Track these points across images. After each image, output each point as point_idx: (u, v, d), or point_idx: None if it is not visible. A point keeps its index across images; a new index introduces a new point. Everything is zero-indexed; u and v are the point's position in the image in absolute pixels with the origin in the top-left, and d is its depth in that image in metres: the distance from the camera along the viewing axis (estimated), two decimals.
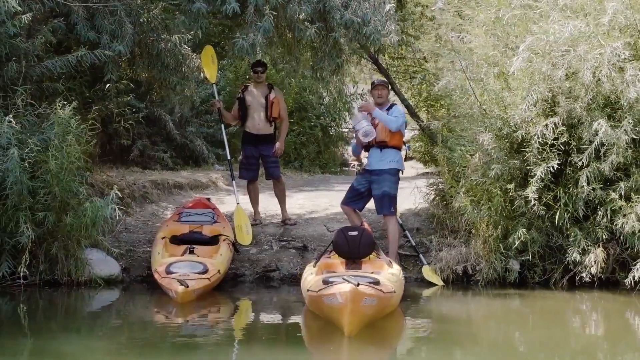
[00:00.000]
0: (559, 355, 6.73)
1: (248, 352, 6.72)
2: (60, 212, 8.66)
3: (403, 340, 7.34)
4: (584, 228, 8.74)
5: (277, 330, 7.62)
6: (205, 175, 13.65)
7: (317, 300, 6.60)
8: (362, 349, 6.53)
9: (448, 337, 7.33)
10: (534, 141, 8.50)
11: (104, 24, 9.81)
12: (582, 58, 8.23)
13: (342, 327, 6.30)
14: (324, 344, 6.76)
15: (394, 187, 9.35)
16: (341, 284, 6.31)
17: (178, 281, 7.80)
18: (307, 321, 7.54)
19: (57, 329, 7.69)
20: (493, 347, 7.05)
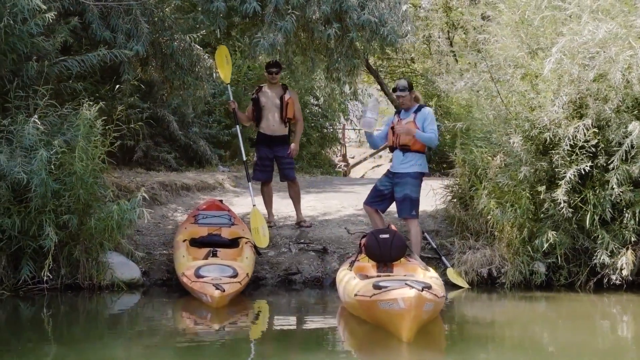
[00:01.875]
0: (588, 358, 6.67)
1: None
2: (83, 215, 8.50)
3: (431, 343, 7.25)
4: (611, 230, 8.71)
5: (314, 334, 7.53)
6: (212, 177, 13.51)
7: (370, 305, 6.50)
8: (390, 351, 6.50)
9: (475, 340, 7.23)
10: (564, 143, 8.46)
11: (119, 23, 9.68)
12: (613, 60, 8.20)
13: (399, 333, 6.23)
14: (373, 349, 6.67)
15: (417, 190, 9.25)
16: (402, 288, 6.22)
17: (214, 285, 7.66)
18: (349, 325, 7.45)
19: (80, 334, 7.56)
20: (520, 350, 6.97)
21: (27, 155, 8.10)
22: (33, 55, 8.75)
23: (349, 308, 7.39)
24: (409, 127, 9.08)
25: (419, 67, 24.83)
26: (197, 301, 8.18)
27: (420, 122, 9.15)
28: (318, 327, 7.87)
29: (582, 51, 8.40)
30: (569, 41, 8.17)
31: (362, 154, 29.55)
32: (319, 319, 8.16)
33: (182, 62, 10.37)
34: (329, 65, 10.97)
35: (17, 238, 8.33)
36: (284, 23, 9.45)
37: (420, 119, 9.17)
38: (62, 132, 8.49)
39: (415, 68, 24.93)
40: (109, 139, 8.59)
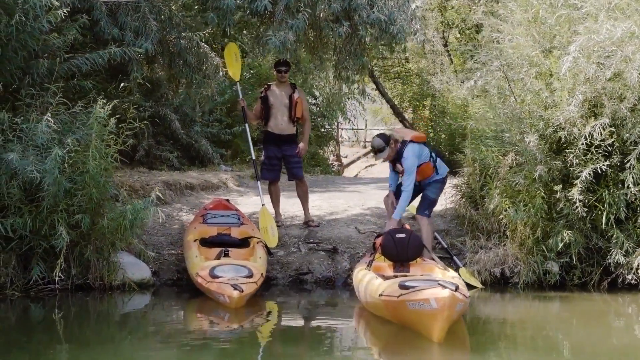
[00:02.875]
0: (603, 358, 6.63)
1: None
2: (94, 215, 8.40)
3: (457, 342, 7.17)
4: (625, 230, 8.69)
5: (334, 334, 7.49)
6: (215, 176, 13.41)
7: (397, 305, 6.44)
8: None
9: (490, 340, 7.22)
10: (580, 142, 8.44)
11: (127, 20, 9.58)
12: (629, 59, 8.17)
13: (430, 333, 6.18)
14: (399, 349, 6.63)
15: (438, 192, 9.30)
16: (434, 288, 6.16)
17: (232, 286, 7.57)
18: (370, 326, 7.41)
19: (92, 335, 7.47)
20: (535, 350, 6.91)
21: (39, 154, 7.97)
22: (44, 52, 8.62)
23: (371, 308, 7.33)
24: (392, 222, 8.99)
25: (413, 66, 24.85)
26: (212, 301, 8.09)
27: None
28: (337, 327, 7.79)
29: (597, 50, 8.36)
30: (587, 40, 8.12)
31: (355, 153, 29.59)
32: (337, 319, 8.07)
33: (189, 60, 10.26)
34: (337, 63, 10.91)
35: (27, 238, 8.22)
36: (296, 21, 9.37)
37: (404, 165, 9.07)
38: (73, 130, 8.37)
39: (409, 67, 24.94)
40: (121, 138, 8.48)
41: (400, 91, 24.65)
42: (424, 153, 9.08)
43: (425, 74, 23.55)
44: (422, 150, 9.08)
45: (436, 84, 23.00)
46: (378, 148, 9.10)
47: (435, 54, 23.27)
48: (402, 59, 24.92)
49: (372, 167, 28.26)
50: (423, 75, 23.56)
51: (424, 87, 23.09)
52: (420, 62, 24.56)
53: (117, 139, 8.46)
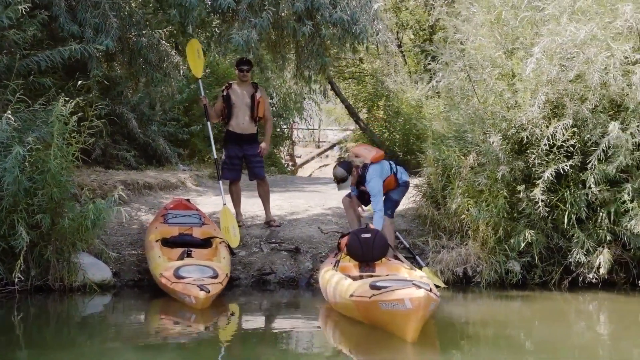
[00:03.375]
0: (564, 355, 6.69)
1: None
2: (54, 214, 8.24)
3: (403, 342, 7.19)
4: (585, 229, 8.80)
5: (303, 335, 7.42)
6: (174, 176, 13.26)
7: (370, 305, 6.42)
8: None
9: (452, 338, 7.22)
10: (542, 142, 8.53)
11: (86, 17, 9.41)
12: (591, 61, 8.28)
13: (404, 333, 6.18)
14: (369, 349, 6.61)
15: (401, 195, 9.39)
16: (409, 288, 6.15)
17: (198, 287, 7.48)
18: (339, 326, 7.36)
19: (53, 338, 7.31)
20: (496, 348, 6.94)
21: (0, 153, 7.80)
22: (2, 49, 8.43)
23: (340, 309, 7.30)
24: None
25: (367, 67, 24.90)
26: (177, 302, 7.99)
27: None
28: (305, 327, 7.74)
29: (559, 52, 8.45)
30: (550, 42, 8.20)
31: (309, 153, 29.55)
32: (304, 320, 8.03)
33: (150, 58, 10.13)
34: (298, 63, 10.87)
35: None
36: (259, 20, 9.31)
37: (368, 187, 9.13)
38: (33, 128, 8.20)
39: (364, 68, 24.98)
40: (83, 136, 8.32)
41: (354, 91, 24.67)
42: (384, 169, 9.17)
43: (380, 75, 23.64)
44: (383, 167, 9.17)
45: (390, 85, 23.13)
46: (341, 178, 9.18)
47: (389, 54, 23.32)
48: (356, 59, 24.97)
49: (326, 167, 28.30)
50: (377, 76, 23.62)
51: (378, 87, 23.16)
52: (374, 63, 24.59)
53: (79, 138, 8.29)
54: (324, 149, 29.55)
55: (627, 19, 8.16)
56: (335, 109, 28.10)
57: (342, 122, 29.10)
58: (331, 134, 30.88)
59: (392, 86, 22.98)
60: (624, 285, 8.96)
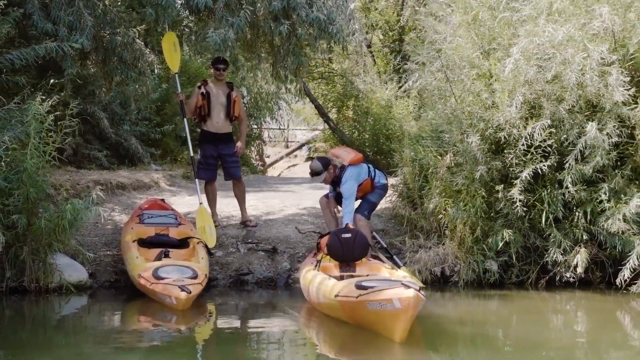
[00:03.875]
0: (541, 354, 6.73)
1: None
2: (30, 215, 8.12)
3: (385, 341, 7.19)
4: (562, 229, 8.87)
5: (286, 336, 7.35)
6: (147, 175, 13.15)
7: (356, 306, 6.40)
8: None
9: (430, 337, 7.18)
10: (520, 142, 8.58)
11: (60, 15, 9.29)
12: (568, 61, 8.34)
13: (392, 333, 6.17)
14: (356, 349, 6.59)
15: (379, 199, 9.42)
16: (397, 288, 6.15)
17: (179, 287, 7.41)
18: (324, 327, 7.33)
19: (29, 340, 7.17)
20: (474, 347, 6.97)
21: None
22: None
23: (324, 309, 7.27)
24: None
25: (336, 67, 24.90)
26: (155, 303, 7.92)
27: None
28: (287, 328, 7.69)
29: (537, 53, 8.50)
30: (529, 42, 8.25)
31: (278, 153, 29.50)
32: (285, 320, 7.98)
33: (125, 57, 10.02)
34: (274, 63, 10.84)
35: None
36: (237, 19, 9.26)
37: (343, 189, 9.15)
38: (8, 127, 8.07)
39: (333, 68, 24.98)
40: (59, 135, 8.21)
41: (324, 91, 24.67)
42: (362, 172, 9.20)
43: (349, 75, 23.66)
44: (361, 170, 9.20)
45: (360, 85, 23.16)
46: (315, 171, 9.22)
47: (359, 54, 23.35)
48: (325, 59, 24.97)
49: (295, 167, 28.27)
50: (347, 76, 23.65)
51: (347, 87, 23.19)
52: (343, 63, 24.61)
53: (55, 137, 8.18)
54: (292, 148, 29.55)
55: (603, 21, 8.22)
56: (304, 108, 28.11)
57: (310, 122, 29.12)
58: (300, 134, 30.88)
59: (361, 86, 23.03)
60: (600, 284, 9.03)
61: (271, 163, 27.49)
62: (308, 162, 30.35)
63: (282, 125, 26.69)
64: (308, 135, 29.81)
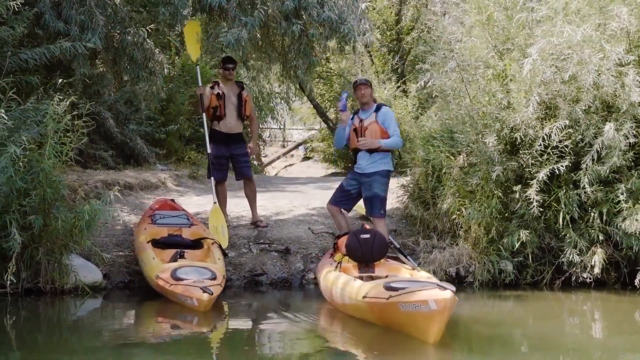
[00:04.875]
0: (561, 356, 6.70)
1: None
2: (46, 215, 8.06)
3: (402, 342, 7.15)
4: (577, 229, 8.86)
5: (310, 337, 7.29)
6: (154, 175, 13.08)
7: (387, 307, 6.36)
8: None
9: (445, 338, 7.17)
10: (537, 143, 8.58)
11: (71, 14, 9.23)
12: (585, 62, 8.33)
13: (426, 335, 6.15)
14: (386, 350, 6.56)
15: (385, 188, 9.16)
16: (432, 290, 6.12)
17: (201, 289, 7.35)
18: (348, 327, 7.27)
19: (45, 341, 7.14)
20: (489, 347, 6.92)
21: None
22: None
23: (349, 310, 7.22)
24: (372, 140, 8.95)
25: (334, 66, 24.90)
26: (173, 304, 7.87)
27: (381, 121, 9.06)
28: (311, 330, 7.55)
29: (553, 53, 8.49)
30: (547, 43, 8.24)
31: (275, 152, 29.45)
32: (308, 322, 7.80)
33: (136, 57, 9.96)
34: (284, 62, 10.80)
35: None
36: (250, 19, 9.22)
37: (382, 118, 9.08)
38: (24, 127, 8.01)
39: (330, 68, 24.97)
40: (75, 135, 8.16)
41: (321, 91, 24.66)
42: None
43: (347, 74, 23.67)
44: None
45: None
46: (363, 81, 9.15)
47: (357, 54, 23.34)
48: (323, 59, 24.94)
49: (291, 167, 28.25)
50: (345, 76, 23.66)
51: (345, 87, 23.19)
52: (341, 63, 24.61)
53: (72, 137, 8.14)
54: (289, 148, 29.51)
55: (621, 21, 8.22)
56: (300, 108, 28.08)
57: (307, 121, 29.10)
58: (296, 134, 30.85)
59: None
60: (615, 285, 9.02)
61: (268, 162, 27.46)
62: (305, 161, 30.54)
63: (281, 125, 26.65)
64: (304, 134, 29.79)
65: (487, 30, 9.29)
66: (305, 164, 28.63)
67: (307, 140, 28.66)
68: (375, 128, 9.02)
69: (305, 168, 27.71)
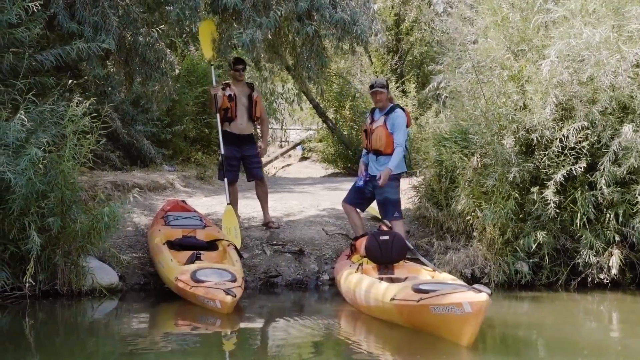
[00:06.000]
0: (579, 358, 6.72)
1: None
2: (63, 217, 8.02)
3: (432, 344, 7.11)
4: (592, 230, 8.87)
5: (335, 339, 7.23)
6: (162, 177, 13.02)
7: (418, 309, 6.33)
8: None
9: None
10: (554, 144, 8.59)
11: (85, 15, 9.18)
12: (603, 63, 8.35)
13: (459, 337, 6.14)
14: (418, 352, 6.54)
15: (395, 191, 9.15)
16: (467, 292, 6.11)
17: (224, 291, 7.32)
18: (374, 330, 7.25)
19: (63, 345, 7.08)
20: (504, 348, 6.91)
21: (9, 154, 7.54)
22: (9, 47, 8.17)
23: (374, 312, 7.19)
24: (386, 174, 8.89)
25: (333, 66, 24.87)
26: (192, 306, 7.83)
27: (390, 126, 9.06)
28: (334, 331, 7.52)
29: (570, 55, 8.50)
30: (565, 44, 8.25)
31: (272, 152, 29.40)
32: (329, 323, 7.73)
33: (148, 57, 9.92)
34: (296, 63, 10.78)
35: None
36: (263, 19, 9.19)
37: (390, 122, 9.06)
38: (42, 129, 7.97)
39: (330, 68, 24.93)
40: (94, 137, 8.13)
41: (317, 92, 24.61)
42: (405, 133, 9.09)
43: (346, 75, 23.66)
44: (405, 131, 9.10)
45: (357, 85, 23.14)
46: (380, 84, 9.13)
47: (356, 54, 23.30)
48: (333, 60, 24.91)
49: (289, 167, 28.19)
50: (344, 76, 23.65)
51: (345, 87, 23.20)
52: (339, 63, 24.58)
53: (91, 139, 8.10)
54: (286, 148, 29.46)
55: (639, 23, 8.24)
56: (298, 108, 28.01)
57: (305, 122, 29.06)
58: (293, 134, 30.82)
59: (359, 86, 23.02)
60: (630, 286, 9.04)
61: (265, 163, 27.39)
62: (302, 161, 30.49)
63: (283, 126, 26.61)
64: (302, 135, 29.76)
65: (502, 32, 9.27)
66: (302, 164, 28.61)
67: (304, 140, 28.63)
68: (381, 132, 9.01)
69: (303, 168, 27.69)
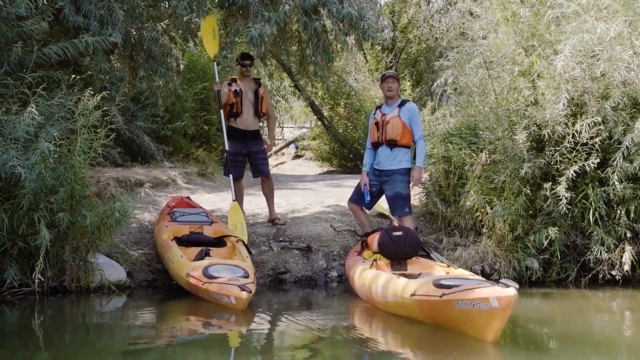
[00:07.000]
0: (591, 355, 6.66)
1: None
2: (72, 212, 7.92)
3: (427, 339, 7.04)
4: (604, 226, 8.83)
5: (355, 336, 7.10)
6: (163, 173, 12.93)
7: (441, 305, 6.26)
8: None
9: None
10: (566, 140, 8.54)
11: (91, 8, 9.08)
12: (616, 59, 8.30)
13: (485, 333, 6.08)
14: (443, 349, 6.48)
15: (406, 186, 9.10)
16: (493, 287, 6.05)
17: (239, 287, 7.23)
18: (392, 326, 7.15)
19: (72, 341, 7.01)
20: (515, 345, 6.84)
21: (19, 149, 7.44)
22: (17, 40, 8.07)
23: (392, 308, 7.11)
24: (419, 174, 9.02)
25: None
26: (203, 303, 7.74)
27: (405, 117, 9.00)
28: (351, 327, 7.41)
29: (583, 50, 8.45)
30: (579, 40, 8.20)
31: None
32: (345, 320, 7.71)
33: (153, 52, 9.82)
34: (301, 59, 10.71)
35: (3, 238, 7.66)
36: (274, 14, 9.11)
37: (406, 114, 9.02)
38: (50, 123, 7.87)
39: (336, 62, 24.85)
40: (104, 131, 8.03)
41: (316, 89, 24.57)
42: None
43: (341, 73, 23.60)
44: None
45: (352, 83, 23.10)
46: (391, 74, 9.14)
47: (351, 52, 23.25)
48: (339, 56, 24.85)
49: (282, 165, 28.10)
50: (338, 74, 23.60)
51: (340, 85, 23.16)
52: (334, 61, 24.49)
53: (100, 133, 8.01)
54: (280, 146, 29.37)
55: None
56: (293, 106, 27.95)
57: (298, 119, 29.00)
58: (287, 132, 30.74)
59: (353, 84, 22.98)
60: None
61: None
62: (296, 159, 30.40)
63: (281, 123, 26.55)
64: (295, 133, 29.69)
65: (512, 27, 9.21)
66: (296, 162, 28.54)
67: (297, 138, 28.57)
68: (397, 123, 8.97)
69: (296, 166, 27.62)
